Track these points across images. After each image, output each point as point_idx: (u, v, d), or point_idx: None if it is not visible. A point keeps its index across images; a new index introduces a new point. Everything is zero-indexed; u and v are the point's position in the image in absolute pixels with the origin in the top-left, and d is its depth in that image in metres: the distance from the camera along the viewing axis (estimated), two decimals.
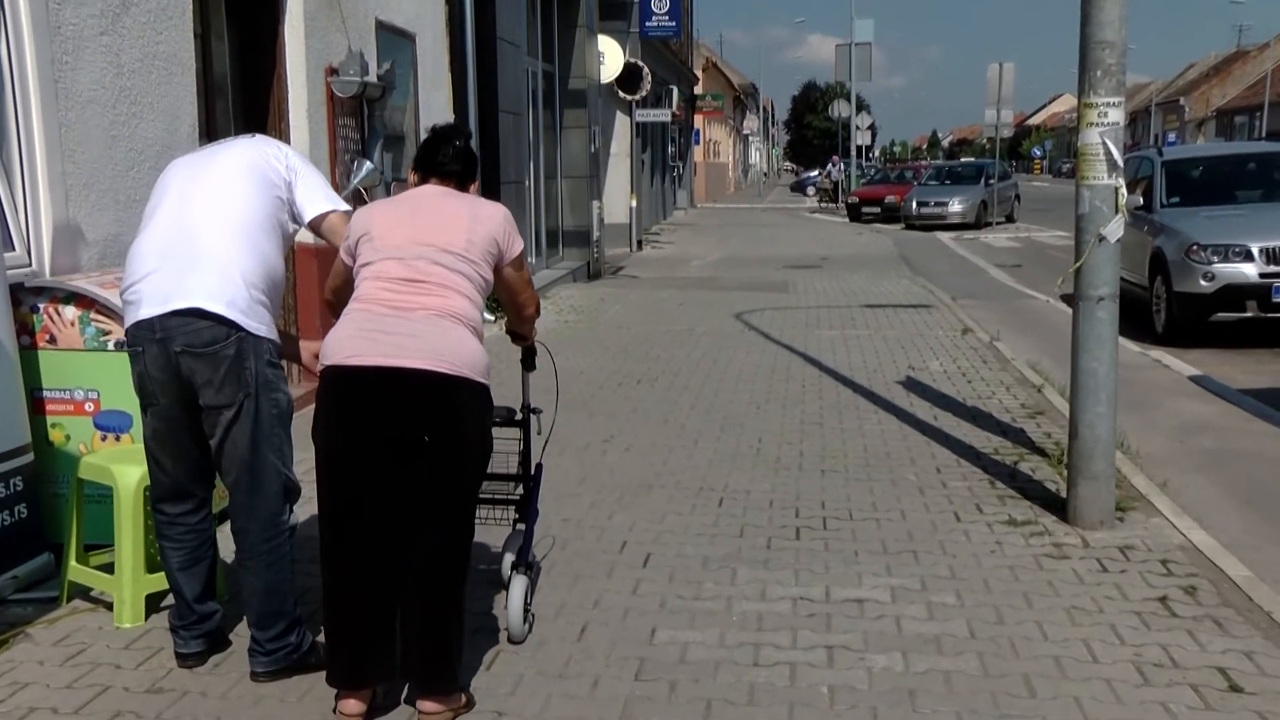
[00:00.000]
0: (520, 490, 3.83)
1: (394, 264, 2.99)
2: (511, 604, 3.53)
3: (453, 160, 3.22)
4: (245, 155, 3.36)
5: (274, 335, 3.24)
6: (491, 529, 3.89)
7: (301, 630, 3.33)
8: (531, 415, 3.80)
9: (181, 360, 3.12)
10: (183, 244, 3.17)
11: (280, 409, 3.23)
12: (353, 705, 3.01)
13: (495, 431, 3.64)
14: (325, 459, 2.98)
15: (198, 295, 3.10)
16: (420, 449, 2.91)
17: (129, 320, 3.21)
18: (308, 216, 3.40)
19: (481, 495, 3.65)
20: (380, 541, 2.97)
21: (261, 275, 3.20)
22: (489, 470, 3.67)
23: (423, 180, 3.23)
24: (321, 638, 3.25)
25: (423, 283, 2.96)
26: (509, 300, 3.39)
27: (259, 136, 3.53)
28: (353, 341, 2.93)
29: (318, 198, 3.41)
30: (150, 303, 3.14)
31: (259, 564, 3.25)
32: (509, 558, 3.74)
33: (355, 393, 2.92)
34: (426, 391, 2.89)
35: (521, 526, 3.78)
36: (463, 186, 3.25)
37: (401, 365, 2.87)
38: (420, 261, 2.97)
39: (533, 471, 3.82)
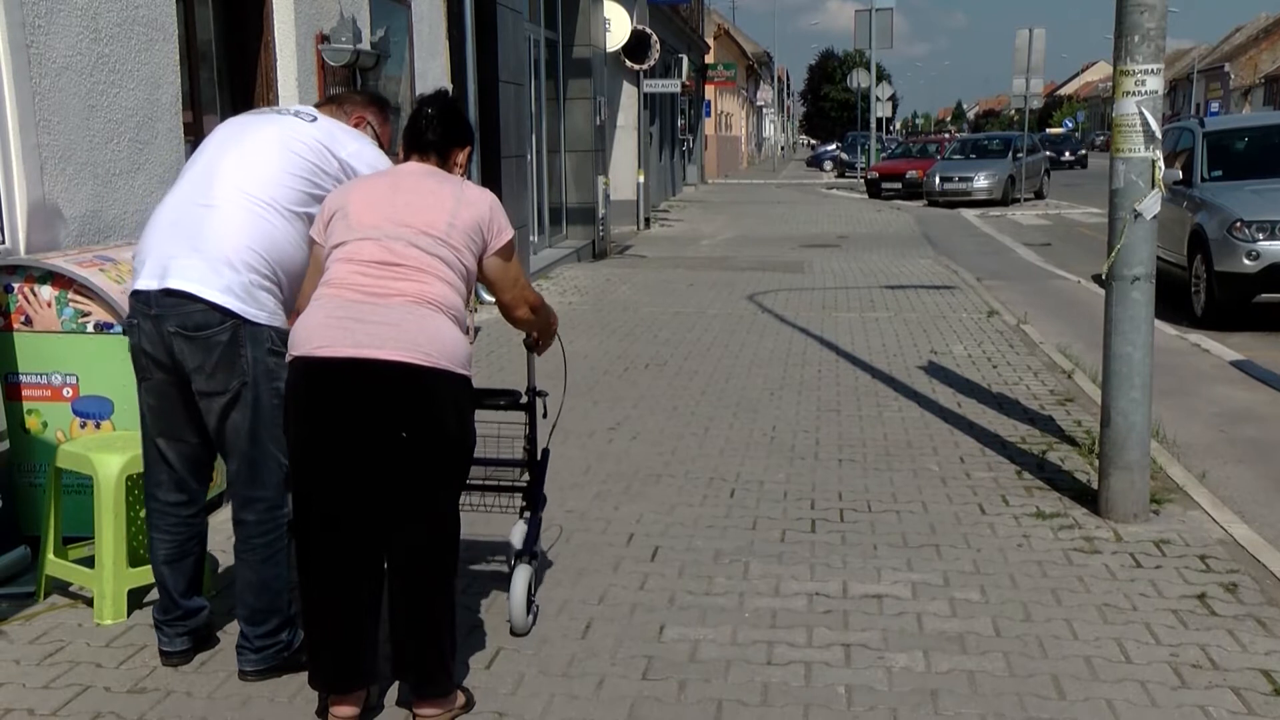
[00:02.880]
0: (526, 477, 3.85)
1: (369, 245, 2.93)
2: (513, 594, 3.56)
3: (426, 130, 3.13)
4: (290, 136, 3.30)
5: (278, 322, 3.23)
6: (495, 518, 3.91)
7: (294, 629, 3.34)
8: (537, 399, 3.80)
9: (173, 342, 3.15)
10: (193, 218, 3.20)
11: (282, 399, 3.22)
12: (345, 710, 3.01)
13: (500, 416, 3.66)
14: (297, 455, 2.96)
15: (192, 279, 3.13)
16: (398, 445, 2.87)
17: (131, 286, 3.28)
18: None
19: (486, 482, 3.73)
20: (358, 541, 2.95)
21: (268, 262, 3.19)
22: (497, 455, 3.76)
23: (406, 156, 3.18)
24: None
25: (399, 266, 2.90)
26: (495, 298, 3.27)
27: (322, 120, 3.42)
28: (324, 330, 2.87)
29: None
30: (149, 274, 3.20)
31: (255, 557, 3.27)
32: (514, 547, 3.77)
33: (328, 386, 2.87)
34: (403, 385, 2.84)
35: (529, 514, 3.81)
36: (446, 156, 3.16)
37: (376, 357, 2.82)
38: (397, 243, 2.91)
39: (539, 457, 3.84)
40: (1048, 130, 58.61)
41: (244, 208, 3.18)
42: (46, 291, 4.15)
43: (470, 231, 3.00)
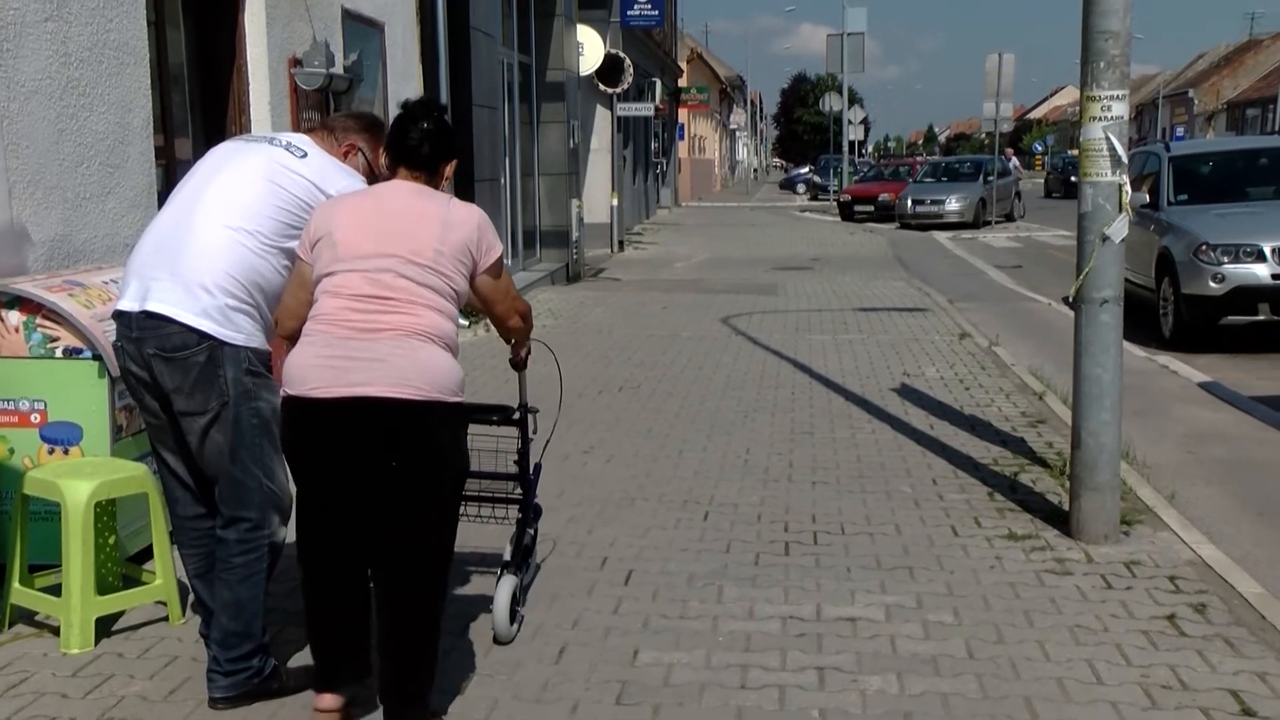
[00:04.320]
0: (518, 490, 3.92)
1: (357, 278, 2.93)
2: (497, 602, 3.61)
3: (421, 144, 3.10)
4: (278, 169, 3.28)
5: (256, 344, 3.24)
6: (483, 531, 3.98)
7: (265, 655, 3.32)
8: (529, 415, 3.88)
9: (153, 363, 3.20)
10: (174, 243, 3.23)
11: (261, 418, 3.25)
12: (328, 701, 3.09)
13: (499, 431, 3.79)
14: (300, 491, 3.05)
15: (170, 302, 3.17)
16: (394, 477, 2.92)
17: (114, 307, 3.34)
18: None
19: (482, 493, 3.86)
20: (355, 563, 3.04)
21: (245, 287, 3.21)
22: (494, 469, 3.89)
23: (392, 168, 3.15)
24: (291, 663, 3.34)
25: (388, 299, 2.91)
26: (487, 311, 3.30)
27: (313, 156, 3.37)
28: (316, 371, 2.90)
29: None
30: (131, 296, 3.25)
31: (233, 576, 3.27)
32: (504, 558, 3.83)
33: (323, 426, 2.92)
34: (395, 419, 2.88)
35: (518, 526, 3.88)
36: (434, 173, 3.13)
37: (368, 394, 2.86)
38: (386, 275, 2.92)
39: (531, 471, 3.90)
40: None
41: (224, 235, 3.20)
42: (14, 316, 4.11)
43: (459, 254, 3.00)
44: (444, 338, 2.96)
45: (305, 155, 3.37)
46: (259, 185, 3.26)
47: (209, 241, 3.19)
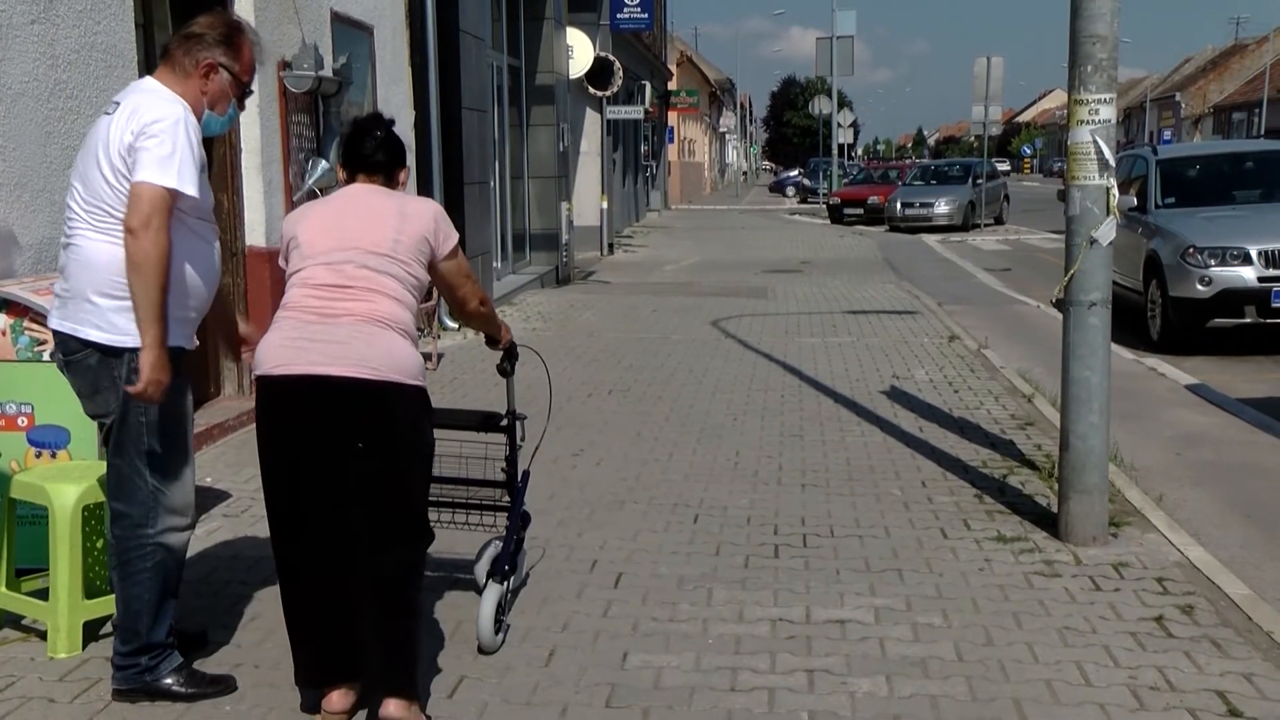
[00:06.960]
0: (507, 498, 3.93)
1: (321, 269, 3.08)
2: (481, 612, 3.59)
3: (376, 152, 3.26)
4: (101, 146, 3.15)
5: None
6: (470, 537, 4.00)
7: (159, 654, 3.31)
8: (517, 422, 3.89)
9: (64, 372, 3.32)
10: (63, 261, 3.30)
11: (149, 418, 3.23)
12: (336, 701, 3.12)
13: (485, 437, 3.81)
14: (265, 468, 3.12)
15: (59, 319, 3.27)
16: (355, 455, 3.00)
17: None
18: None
19: (470, 500, 3.89)
20: (327, 547, 3.07)
21: (123, 284, 3.12)
22: (483, 476, 3.92)
23: (350, 177, 3.29)
24: (279, 669, 3.25)
25: (349, 288, 3.05)
26: (449, 296, 3.44)
27: (122, 108, 3.15)
28: (280, 351, 3.04)
29: (136, 167, 3.07)
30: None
31: (117, 574, 3.33)
32: (484, 566, 3.85)
33: (284, 403, 3.04)
34: (354, 399, 2.99)
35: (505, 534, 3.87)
36: (390, 177, 3.30)
37: (328, 373, 2.97)
38: (347, 265, 3.06)
39: (519, 479, 3.91)
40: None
41: (88, 240, 3.20)
42: (1, 319, 4.10)
43: (417, 244, 3.15)
44: (401, 325, 3.08)
45: (116, 108, 3.19)
46: (93, 170, 3.17)
47: (81, 252, 3.21)
